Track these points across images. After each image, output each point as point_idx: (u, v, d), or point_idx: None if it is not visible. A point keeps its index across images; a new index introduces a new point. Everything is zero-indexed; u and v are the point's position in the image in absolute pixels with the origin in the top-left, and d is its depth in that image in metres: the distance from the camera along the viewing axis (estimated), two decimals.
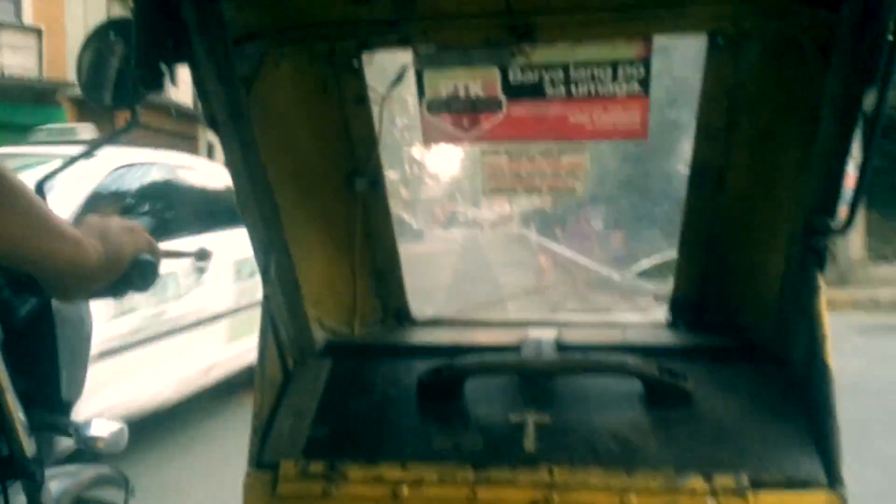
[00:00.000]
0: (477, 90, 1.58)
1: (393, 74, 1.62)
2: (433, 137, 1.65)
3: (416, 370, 1.46)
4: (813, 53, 1.32)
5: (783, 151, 1.48)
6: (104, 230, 1.00)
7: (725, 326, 1.63)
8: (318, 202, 1.66)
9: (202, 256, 1.50)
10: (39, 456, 1.37)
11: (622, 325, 1.81)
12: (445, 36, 1.51)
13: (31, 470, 1.33)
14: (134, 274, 1.04)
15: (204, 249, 1.49)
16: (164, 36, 1.24)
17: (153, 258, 1.08)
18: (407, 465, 1.31)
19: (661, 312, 1.78)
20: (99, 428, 1.53)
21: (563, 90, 1.54)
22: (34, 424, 1.39)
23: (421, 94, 1.59)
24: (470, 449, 1.33)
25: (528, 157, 1.70)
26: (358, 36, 1.52)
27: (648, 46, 1.48)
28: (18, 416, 1.20)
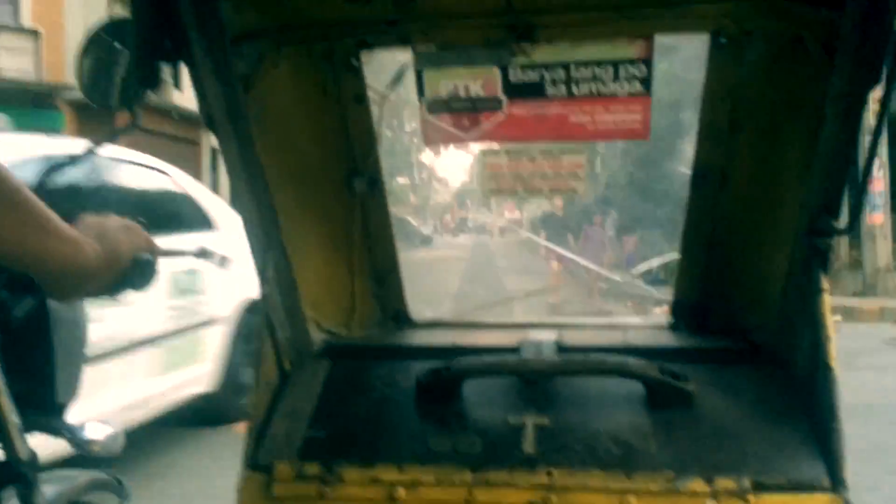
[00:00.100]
0: (477, 90, 1.56)
1: (392, 74, 1.61)
2: (433, 138, 1.64)
3: (414, 372, 1.45)
4: (817, 52, 1.31)
5: (786, 151, 1.46)
6: (102, 229, 1.00)
7: (728, 328, 1.62)
8: (316, 202, 1.65)
9: (203, 255, 1.48)
10: (33, 459, 1.35)
11: (623, 326, 1.80)
12: (445, 35, 1.50)
13: (24, 473, 1.32)
14: (132, 273, 1.03)
15: (205, 248, 1.47)
16: (162, 35, 1.24)
17: (152, 257, 1.08)
18: (404, 467, 1.29)
19: (662, 315, 1.77)
20: (94, 431, 1.52)
21: (563, 90, 1.53)
22: (28, 427, 1.38)
23: (421, 94, 1.58)
24: (468, 451, 1.32)
25: (528, 157, 1.69)
26: (357, 35, 1.51)
27: (650, 46, 1.47)
28: (12, 418, 1.18)
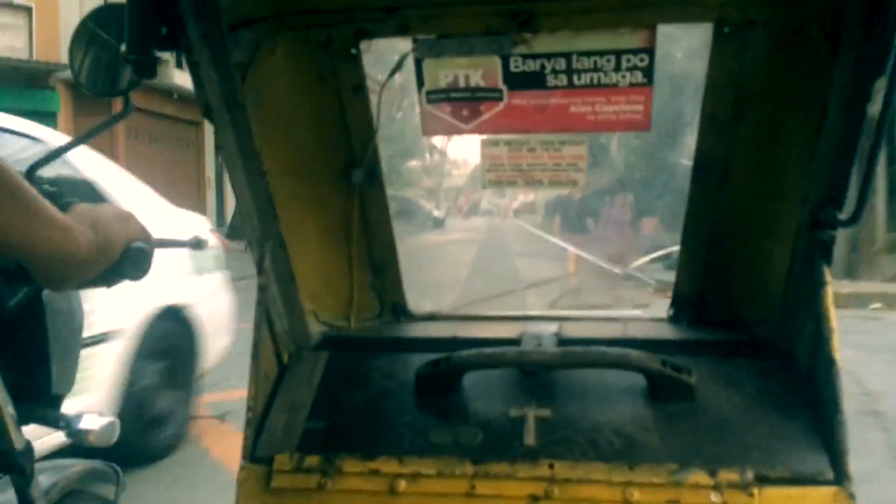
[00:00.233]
0: (477, 80, 1.55)
1: (391, 63, 1.59)
2: (432, 128, 1.62)
3: (413, 363, 1.44)
4: (821, 43, 1.30)
5: (789, 143, 1.45)
6: (95, 218, 0.98)
7: (729, 321, 1.61)
8: (314, 193, 1.63)
9: (198, 246, 1.47)
10: (29, 450, 1.35)
11: (624, 319, 1.79)
12: (445, 24, 1.48)
13: (20, 464, 1.31)
14: (126, 262, 1.03)
15: (200, 238, 1.46)
16: (157, 22, 1.22)
17: (146, 246, 1.07)
18: (404, 459, 1.28)
19: (663, 307, 1.76)
20: (90, 421, 1.51)
21: (565, 80, 1.51)
22: (23, 418, 1.37)
23: (420, 83, 1.57)
24: (469, 443, 1.31)
25: (528, 148, 1.68)
26: (356, 23, 1.49)
27: (653, 35, 1.45)
28: (7, 409, 1.17)
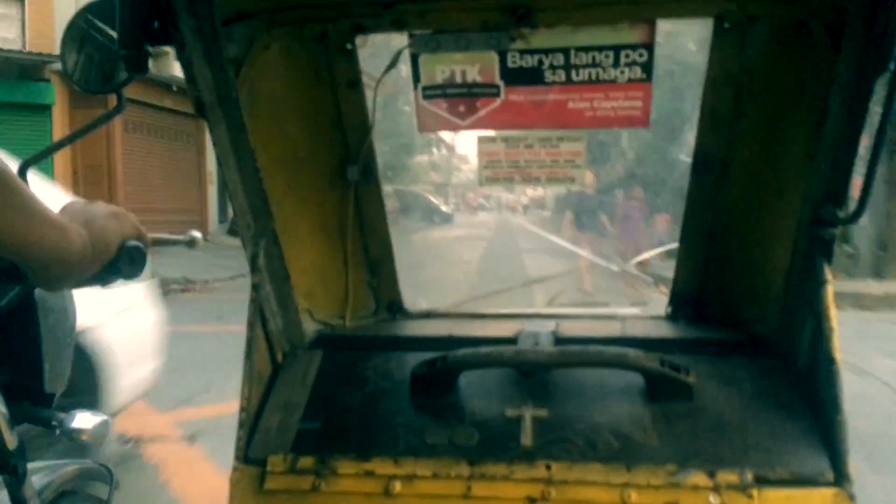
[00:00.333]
0: (474, 75, 1.53)
1: (387, 59, 1.57)
2: (428, 124, 1.61)
3: (409, 363, 1.42)
4: (822, 38, 1.28)
5: (790, 139, 1.44)
6: (89, 216, 0.98)
7: (728, 319, 1.60)
8: (309, 190, 1.62)
9: (192, 244, 1.46)
10: (21, 449, 1.33)
11: (622, 317, 1.78)
12: (442, 19, 1.46)
13: (12, 464, 1.30)
14: (121, 261, 1.02)
15: (194, 236, 1.45)
16: (149, 16, 1.20)
17: (141, 244, 1.06)
18: (399, 460, 1.27)
19: (661, 305, 1.75)
20: (82, 420, 1.50)
21: (562, 76, 1.49)
22: (16, 417, 1.36)
23: (416, 79, 1.55)
24: (465, 444, 1.29)
25: (525, 144, 1.66)
26: (351, 18, 1.48)
27: (652, 30, 1.44)
28: (0, 408, 1.16)
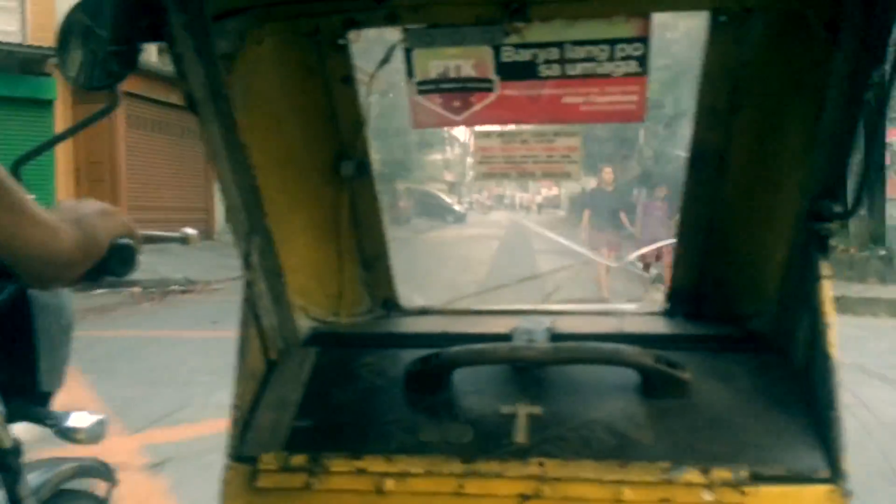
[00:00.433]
0: (468, 70, 1.52)
1: (381, 54, 1.56)
2: (423, 120, 1.60)
3: (403, 360, 1.41)
4: (819, 31, 1.27)
5: (787, 133, 1.42)
6: (80, 214, 0.97)
7: (725, 315, 1.59)
8: (302, 186, 1.61)
9: (186, 241, 1.46)
10: (17, 447, 1.34)
11: (618, 313, 1.77)
12: (435, 13, 1.45)
13: (8, 461, 1.30)
14: (112, 259, 1.02)
15: (187, 233, 1.45)
16: (140, 13, 1.20)
17: (133, 242, 1.06)
18: (392, 457, 1.26)
19: (658, 301, 1.74)
20: (78, 419, 1.50)
21: (557, 70, 1.48)
22: (12, 415, 1.36)
23: (410, 74, 1.54)
24: (458, 441, 1.29)
25: (521, 140, 1.65)
26: (344, 13, 1.46)
27: (647, 24, 1.42)
28: None
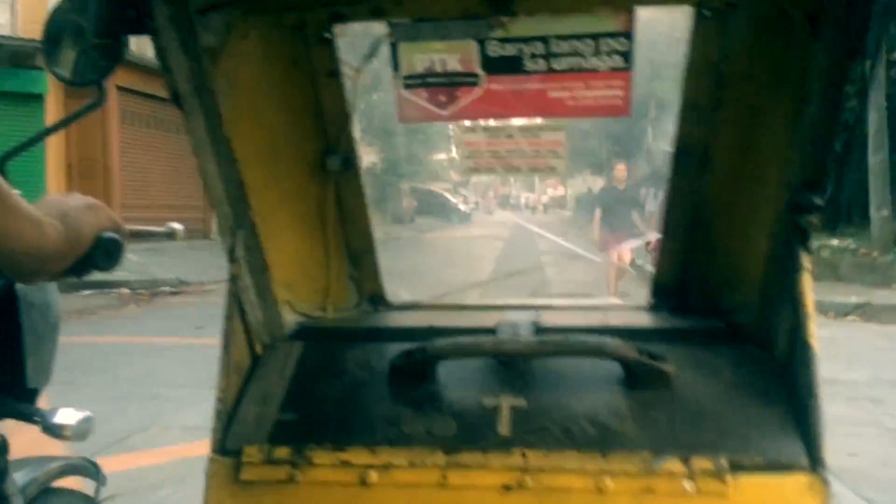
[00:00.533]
0: (454, 64, 1.53)
1: (367, 48, 1.56)
2: (409, 114, 1.60)
3: (389, 354, 1.42)
4: (802, 25, 1.28)
5: (770, 127, 1.43)
6: (64, 209, 0.98)
7: (709, 308, 1.60)
8: (288, 181, 1.61)
9: (172, 236, 1.46)
10: (2, 445, 1.33)
11: (603, 307, 1.78)
12: (421, 7, 1.45)
13: None
14: (97, 253, 1.02)
15: (174, 227, 1.45)
16: (124, 6, 1.19)
17: (117, 236, 1.06)
18: (376, 449, 1.27)
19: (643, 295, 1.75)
20: (65, 416, 1.49)
21: (543, 64, 1.49)
22: None
23: (395, 68, 1.54)
24: (441, 433, 1.29)
25: (506, 134, 1.66)
26: (330, 6, 1.46)
27: (631, 18, 1.43)
28: None
